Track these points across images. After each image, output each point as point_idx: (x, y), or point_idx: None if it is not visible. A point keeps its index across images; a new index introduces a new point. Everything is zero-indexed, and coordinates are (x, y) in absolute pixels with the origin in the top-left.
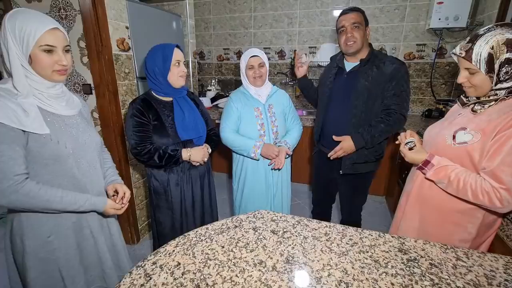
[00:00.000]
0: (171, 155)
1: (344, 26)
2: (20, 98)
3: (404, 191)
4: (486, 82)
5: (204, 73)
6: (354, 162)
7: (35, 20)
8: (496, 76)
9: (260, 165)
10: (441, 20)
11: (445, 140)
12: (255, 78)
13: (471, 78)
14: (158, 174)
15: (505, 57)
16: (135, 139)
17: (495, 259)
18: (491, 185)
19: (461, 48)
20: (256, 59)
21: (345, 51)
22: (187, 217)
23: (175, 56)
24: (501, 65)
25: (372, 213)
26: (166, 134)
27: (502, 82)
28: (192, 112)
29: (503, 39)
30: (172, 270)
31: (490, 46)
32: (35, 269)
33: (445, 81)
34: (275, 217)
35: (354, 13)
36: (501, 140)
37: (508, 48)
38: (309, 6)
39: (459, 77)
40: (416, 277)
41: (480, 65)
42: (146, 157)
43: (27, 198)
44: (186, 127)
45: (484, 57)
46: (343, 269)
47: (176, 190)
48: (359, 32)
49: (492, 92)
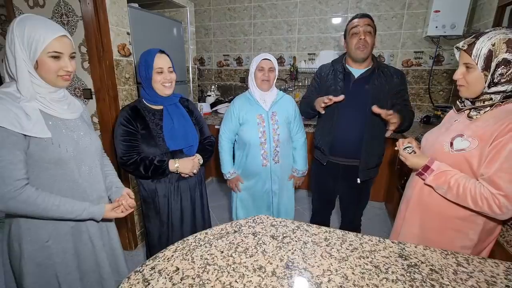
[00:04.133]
0: (157, 166)
1: (357, 27)
2: (23, 102)
3: (403, 198)
4: (479, 80)
5: (204, 79)
6: (368, 167)
7: (44, 27)
8: (490, 76)
9: (261, 171)
10: (438, 28)
11: (443, 147)
12: (263, 81)
13: (467, 75)
14: (146, 183)
15: (503, 56)
16: (121, 148)
17: (495, 265)
18: (490, 191)
19: (464, 42)
20: (267, 62)
21: (355, 56)
22: (173, 231)
23: (157, 63)
24: (497, 65)
25: (371, 219)
26: (153, 143)
27: (497, 85)
28: (182, 121)
29: (505, 38)
30: (170, 275)
31: (492, 43)
32: (32, 274)
33: (443, 88)
34: (274, 222)
35: (368, 19)
36: (499, 147)
37: (508, 47)
38: (308, 14)
39: (456, 72)
40: (417, 282)
41: (478, 60)
42: (132, 168)
43: (24, 205)
44: (175, 136)
45: (484, 52)
46: (343, 275)
47: (164, 202)
48: (371, 38)
49: (487, 96)
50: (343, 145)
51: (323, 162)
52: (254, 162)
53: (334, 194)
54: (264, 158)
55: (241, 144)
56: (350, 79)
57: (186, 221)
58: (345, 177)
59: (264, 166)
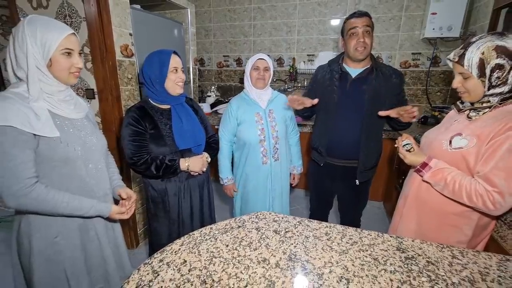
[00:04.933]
0: (169, 165)
1: (355, 28)
2: (32, 102)
3: (402, 194)
4: (479, 86)
5: (204, 80)
6: (366, 169)
7: (55, 26)
8: (488, 80)
9: (261, 170)
10: (435, 30)
11: (441, 145)
12: (258, 79)
13: (465, 83)
14: (156, 183)
15: (495, 62)
16: (131, 148)
17: (488, 257)
18: (485, 188)
19: (454, 54)
20: (263, 62)
21: (354, 57)
22: (184, 228)
23: (172, 63)
24: (492, 70)
25: (370, 218)
26: (163, 143)
27: (495, 87)
28: (190, 120)
29: (493, 45)
30: (179, 267)
31: (481, 52)
32: (41, 269)
33: (440, 89)
34: (277, 218)
35: (367, 18)
36: (495, 146)
37: (497, 53)
38: (307, 16)
39: (454, 81)
40: (413, 273)
41: (472, 69)
42: (143, 168)
43: (35, 202)
44: (184, 135)
45: (475, 62)
46: (344, 266)
47: (174, 200)
48: (369, 38)
49: (485, 98)
50: (340, 146)
51: (320, 163)
52: (254, 160)
53: (332, 195)
54: (264, 155)
55: (240, 145)
56: (347, 79)
57: (196, 218)
58: (343, 178)
59: (264, 164)
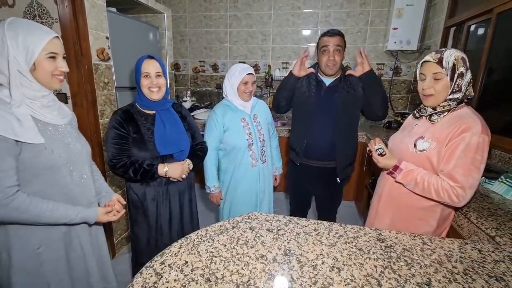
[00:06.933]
0: (146, 169)
1: (327, 47)
2: (14, 108)
3: (375, 193)
4: (445, 89)
5: (179, 84)
6: (345, 166)
7: (37, 29)
8: (454, 84)
9: (251, 172)
10: (396, 43)
11: (408, 148)
12: (246, 93)
13: (435, 85)
14: (136, 187)
15: (460, 70)
16: (112, 151)
17: (451, 242)
18: (449, 184)
19: (432, 57)
20: (251, 76)
21: (325, 71)
22: (162, 235)
23: (143, 68)
24: (458, 76)
25: (343, 217)
26: (145, 147)
27: (454, 93)
28: (175, 126)
29: (460, 56)
30: (181, 268)
31: (455, 58)
32: (22, 284)
33: (402, 96)
34: (268, 217)
35: (338, 37)
36: (453, 147)
37: (463, 62)
38: (282, 25)
39: (426, 82)
40: (393, 259)
41: (448, 71)
42: (121, 171)
43: (16, 213)
44: (166, 141)
45: (451, 65)
46: (334, 257)
47: (152, 205)
48: (339, 56)
49: (446, 102)
50: (316, 148)
51: (297, 163)
52: (244, 164)
53: (310, 195)
54: (253, 158)
55: (228, 151)
56: (321, 87)
57: (174, 225)
58: (319, 178)
59: (253, 167)
